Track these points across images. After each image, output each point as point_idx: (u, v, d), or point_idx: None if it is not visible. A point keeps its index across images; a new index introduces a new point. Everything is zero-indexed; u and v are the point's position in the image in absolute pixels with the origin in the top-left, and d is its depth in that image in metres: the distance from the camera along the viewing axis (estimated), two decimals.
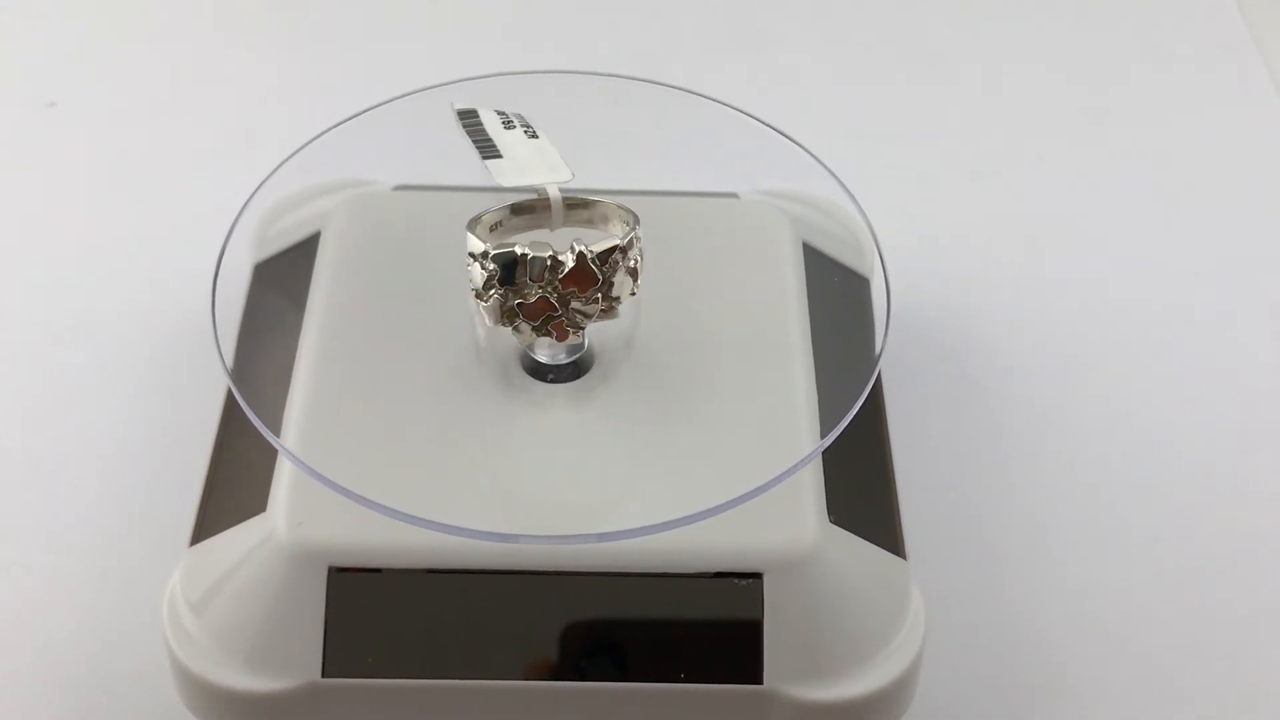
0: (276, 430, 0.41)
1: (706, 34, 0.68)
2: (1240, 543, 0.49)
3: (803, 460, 0.40)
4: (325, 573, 0.40)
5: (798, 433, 0.41)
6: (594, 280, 0.40)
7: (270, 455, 0.42)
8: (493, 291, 0.40)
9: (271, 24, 0.67)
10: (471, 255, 0.40)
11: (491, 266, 0.40)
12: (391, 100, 0.47)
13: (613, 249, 0.40)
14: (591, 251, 0.40)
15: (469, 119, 0.44)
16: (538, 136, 0.44)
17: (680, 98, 0.48)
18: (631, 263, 0.41)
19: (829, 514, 0.41)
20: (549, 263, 0.40)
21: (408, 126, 0.48)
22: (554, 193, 0.42)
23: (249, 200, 0.45)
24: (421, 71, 0.51)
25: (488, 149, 0.43)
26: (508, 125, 0.44)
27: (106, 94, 0.64)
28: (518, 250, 0.40)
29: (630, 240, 0.40)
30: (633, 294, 0.41)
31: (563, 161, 0.43)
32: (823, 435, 0.41)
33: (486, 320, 0.40)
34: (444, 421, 0.42)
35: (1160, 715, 0.45)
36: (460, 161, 0.50)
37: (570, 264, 0.40)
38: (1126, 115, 0.64)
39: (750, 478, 0.39)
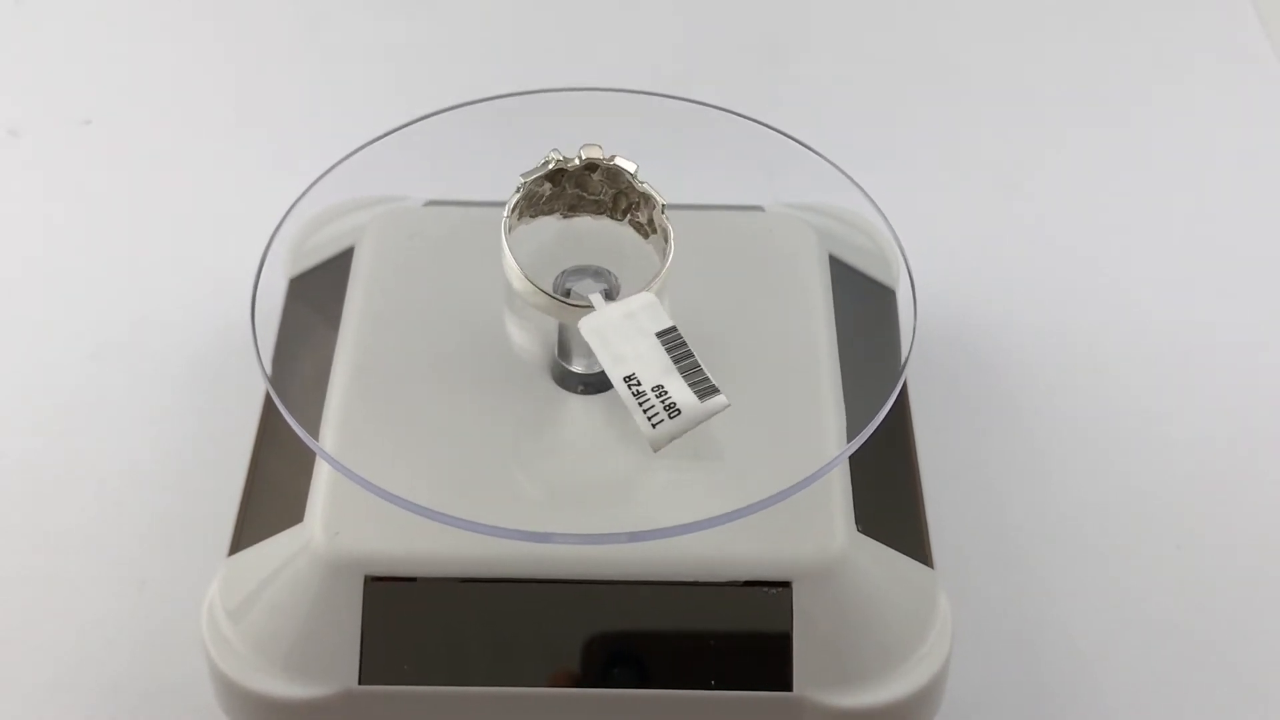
0: (315, 436, 0.42)
1: (729, 49, 0.68)
2: (1267, 551, 0.50)
3: (830, 463, 0.40)
4: (361, 581, 0.40)
5: (825, 439, 0.42)
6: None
7: (306, 467, 0.43)
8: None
9: (303, 43, 0.68)
10: None
11: None
12: (422, 118, 0.48)
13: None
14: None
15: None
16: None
17: (704, 112, 0.49)
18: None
19: (857, 523, 0.42)
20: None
21: (439, 143, 0.48)
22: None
23: (286, 215, 0.46)
24: (451, 89, 0.51)
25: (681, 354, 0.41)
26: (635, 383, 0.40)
27: (141, 112, 0.65)
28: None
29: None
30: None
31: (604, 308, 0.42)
32: (849, 441, 0.42)
33: None
34: (477, 429, 0.42)
35: None
36: (490, 177, 0.51)
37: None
38: (1154, 126, 0.65)
39: (778, 481, 0.39)
